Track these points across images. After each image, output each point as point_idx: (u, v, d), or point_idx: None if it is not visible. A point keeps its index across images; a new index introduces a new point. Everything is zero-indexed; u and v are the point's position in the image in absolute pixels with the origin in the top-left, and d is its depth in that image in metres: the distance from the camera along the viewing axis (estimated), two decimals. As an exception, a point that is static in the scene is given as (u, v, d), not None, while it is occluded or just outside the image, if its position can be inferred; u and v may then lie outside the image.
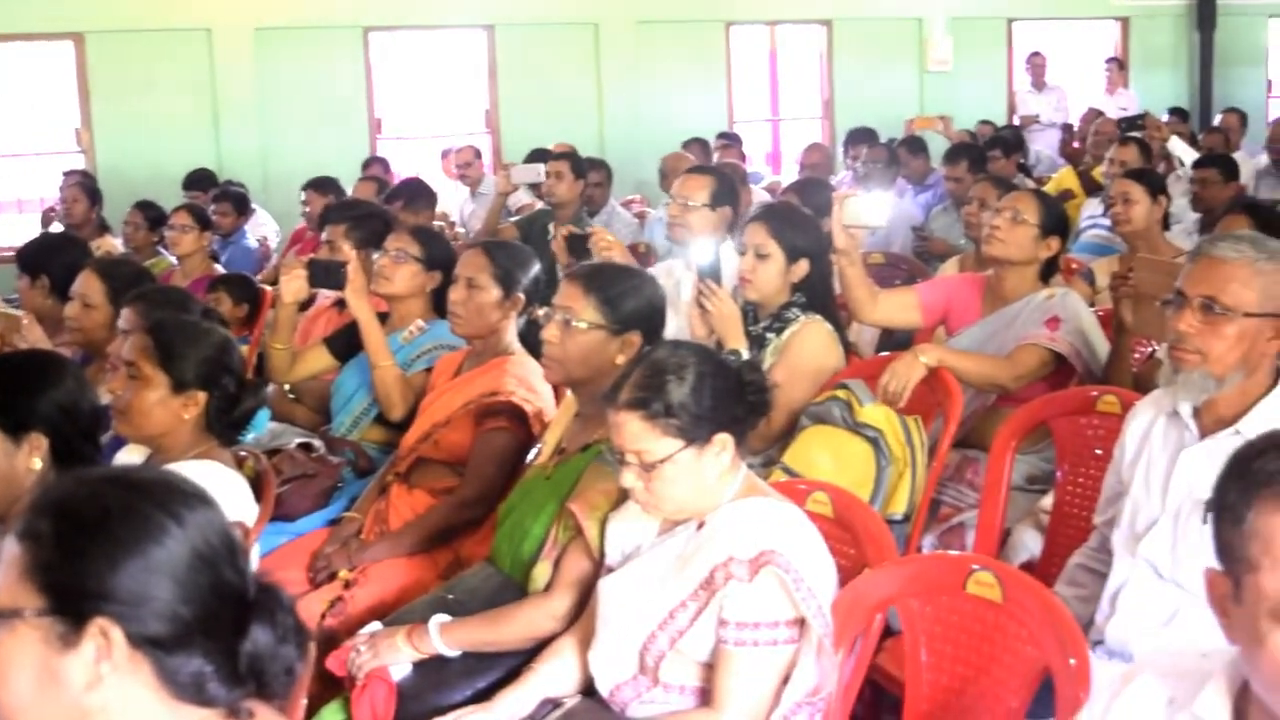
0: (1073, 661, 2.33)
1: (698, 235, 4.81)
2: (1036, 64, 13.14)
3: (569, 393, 3.52)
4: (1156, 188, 5.61)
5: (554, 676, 2.88)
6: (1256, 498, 1.59)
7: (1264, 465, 1.61)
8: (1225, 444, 2.74)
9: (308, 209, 8.20)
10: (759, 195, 7.93)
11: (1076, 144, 10.00)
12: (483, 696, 2.92)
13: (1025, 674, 2.45)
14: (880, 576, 2.70)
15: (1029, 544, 3.84)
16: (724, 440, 2.67)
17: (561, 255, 4.87)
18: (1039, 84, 13.04)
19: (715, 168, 5.47)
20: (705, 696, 2.65)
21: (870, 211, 4.24)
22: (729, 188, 5.09)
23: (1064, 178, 9.11)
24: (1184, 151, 8.51)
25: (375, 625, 3.20)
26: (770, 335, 4.23)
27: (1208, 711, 1.72)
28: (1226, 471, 1.66)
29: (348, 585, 3.66)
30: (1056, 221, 4.44)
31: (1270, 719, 1.65)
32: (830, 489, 3.10)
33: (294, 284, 4.44)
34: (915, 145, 9.37)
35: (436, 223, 7.60)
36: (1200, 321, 2.81)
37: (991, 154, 8.49)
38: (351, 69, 11.97)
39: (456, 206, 10.08)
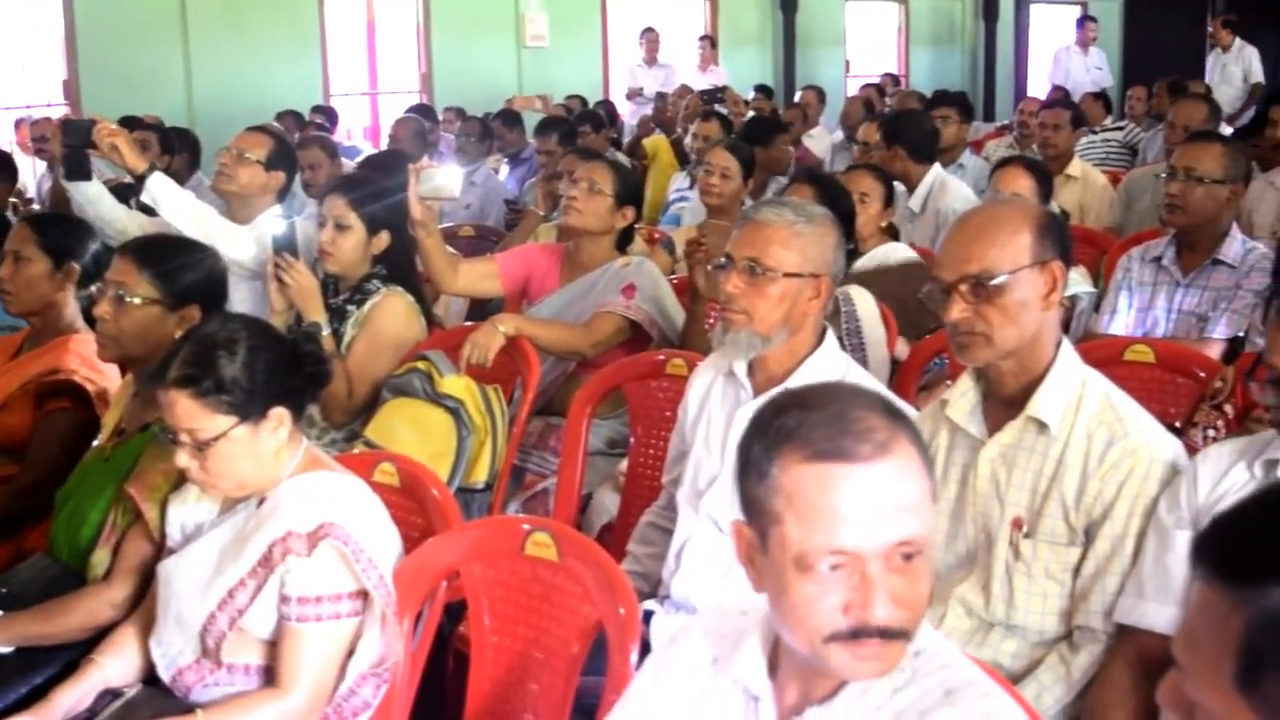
0: (621, 611, 2.41)
1: (242, 191, 4.74)
2: (650, 39, 13.39)
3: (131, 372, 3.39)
4: (749, 165, 5.80)
5: (114, 667, 2.76)
6: (778, 453, 1.62)
7: (784, 422, 1.64)
8: (777, 400, 2.86)
9: None
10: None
11: (668, 115, 10.28)
12: (41, 693, 2.77)
13: (582, 629, 2.51)
14: (442, 544, 2.70)
15: (609, 506, 3.93)
16: (280, 414, 2.62)
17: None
18: (651, 59, 13.32)
19: (277, 132, 5.34)
20: (271, 675, 2.60)
21: (445, 183, 4.24)
22: (287, 154, 4.98)
23: (657, 144, 9.36)
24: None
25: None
26: (351, 307, 4.18)
27: (744, 670, 1.78)
28: (750, 429, 1.70)
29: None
30: (632, 192, 4.56)
31: (797, 668, 1.73)
32: (397, 459, 3.08)
33: None
34: (510, 118, 9.43)
35: (12, 199, 7.17)
36: (745, 283, 2.93)
37: (582, 129, 8.62)
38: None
39: (34, 181, 9.52)
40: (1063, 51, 14.36)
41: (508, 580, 2.63)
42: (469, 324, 4.43)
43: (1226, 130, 8.54)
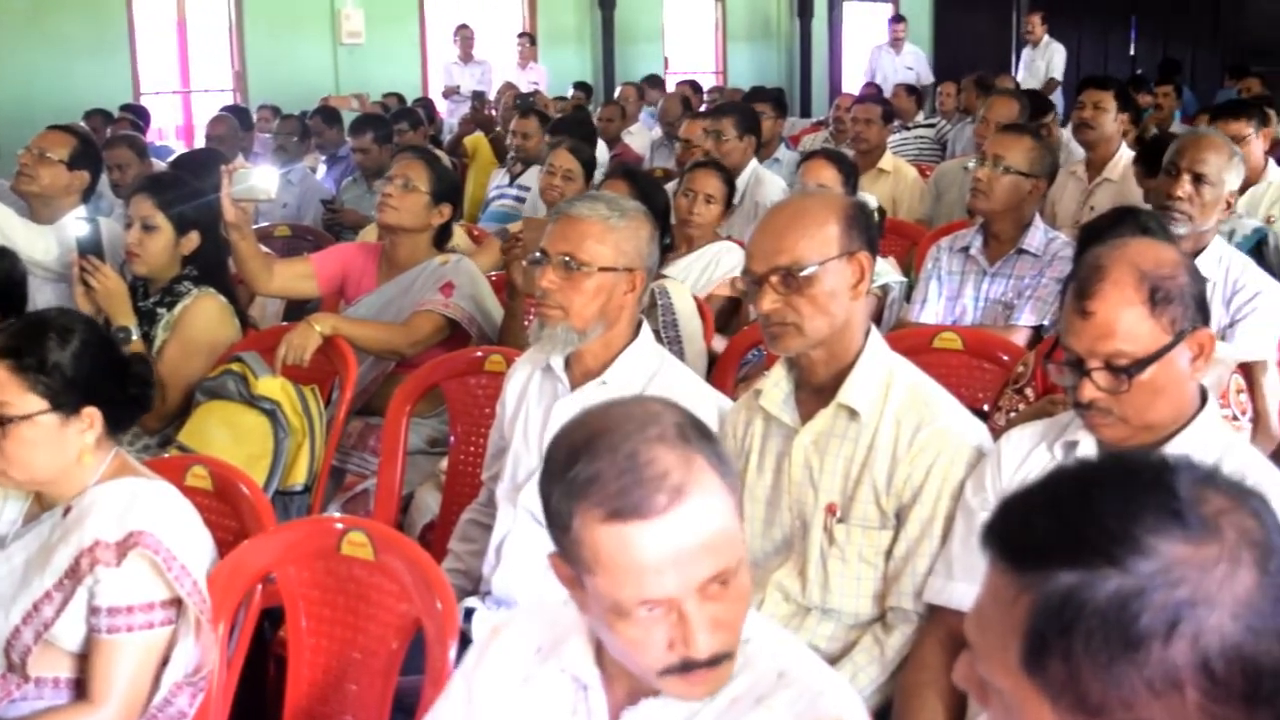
0: (439, 605, 2.40)
1: (44, 191, 4.63)
2: (465, 36, 13.32)
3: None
4: (590, 167, 5.80)
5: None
6: (576, 508, 1.58)
7: (578, 473, 1.59)
8: (593, 394, 2.87)
9: None
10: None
11: (490, 112, 10.24)
12: None
13: (400, 626, 2.50)
14: (255, 547, 2.65)
15: (431, 505, 3.91)
16: (93, 415, 2.56)
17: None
18: (466, 57, 13.25)
19: (81, 131, 5.20)
20: (82, 688, 2.53)
21: (260, 184, 4.16)
22: (91, 153, 4.85)
23: (477, 142, 9.33)
24: None
25: None
26: (161, 310, 4.09)
27: (573, 662, 1.79)
28: (545, 472, 1.65)
29: None
30: (448, 188, 4.53)
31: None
32: (209, 462, 3.02)
33: None
34: (330, 116, 9.29)
35: None
36: (561, 278, 2.94)
37: (399, 127, 8.54)
38: None
39: None
40: (876, 50, 14.66)
41: (324, 581, 2.60)
42: (285, 324, 4.37)
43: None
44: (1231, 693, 1.08)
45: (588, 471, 1.57)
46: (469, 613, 2.98)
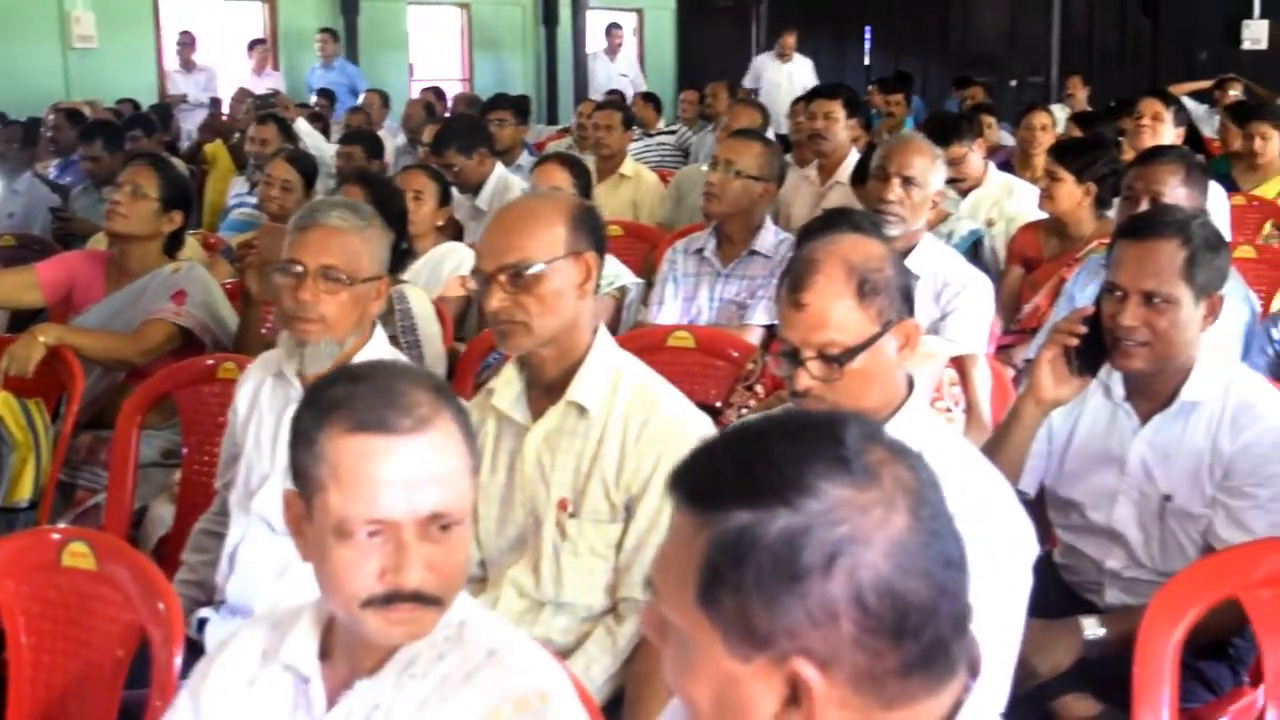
0: (161, 607, 2.38)
1: None
2: (184, 43, 13.03)
3: None
4: (311, 175, 5.70)
5: None
6: (325, 423, 1.70)
7: (333, 393, 1.73)
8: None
9: None
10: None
11: (224, 120, 10.04)
12: None
13: (124, 636, 2.45)
14: (-23, 563, 2.57)
15: (166, 518, 3.83)
16: None
17: None
18: (187, 64, 12.94)
19: None
20: None
21: None
22: None
23: (216, 150, 9.14)
24: (308, 133, 8.90)
25: None
26: None
27: (294, 653, 1.80)
28: (303, 400, 1.78)
29: None
30: (179, 195, 4.44)
31: (345, 645, 1.77)
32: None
33: None
34: (74, 117, 8.97)
35: None
36: (326, 291, 2.94)
37: (133, 133, 8.30)
38: None
39: None
40: (591, 58, 14.83)
41: (45, 594, 2.52)
42: (7, 336, 4.22)
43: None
44: (882, 625, 1.18)
45: (343, 392, 1.72)
46: (202, 623, 2.94)
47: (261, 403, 3.09)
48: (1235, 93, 10.80)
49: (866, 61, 17.65)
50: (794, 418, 1.33)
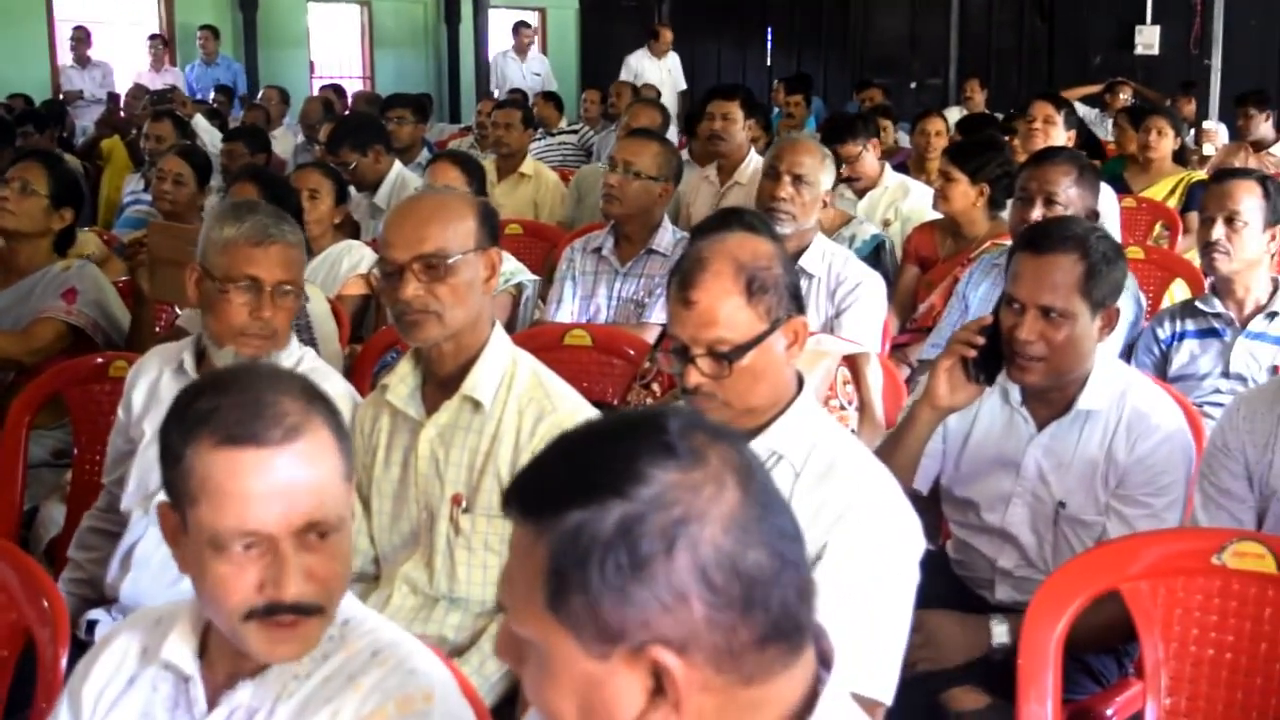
0: (45, 604, 2.35)
1: None
2: (79, 38, 12.84)
3: None
4: (204, 171, 5.64)
5: None
6: (193, 438, 1.66)
7: (200, 406, 1.68)
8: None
9: None
10: None
11: (121, 115, 9.90)
12: None
13: (8, 638, 2.41)
14: None
15: (57, 519, 3.77)
16: None
17: None
18: (82, 59, 12.74)
19: None
20: None
21: None
22: None
23: (112, 145, 9.01)
24: (206, 130, 8.82)
25: None
26: None
27: (173, 653, 1.79)
28: (170, 412, 1.73)
29: None
30: (70, 192, 4.39)
31: (227, 647, 1.75)
32: None
33: None
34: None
35: None
36: (286, 305, 2.97)
37: (24, 130, 8.17)
38: None
39: None
40: (500, 56, 14.81)
41: (-73, 595, 2.49)
42: (-108, 335, 4.14)
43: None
44: (731, 599, 1.20)
45: (209, 404, 1.68)
46: (92, 625, 2.91)
47: (161, 396, 3.04)
48: (1125, 96, 11.04)
49: (769, 62, 17.77)
50: (616, 418, 1.36)
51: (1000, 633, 2.79)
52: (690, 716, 1.22)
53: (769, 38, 18.02)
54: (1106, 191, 5.18)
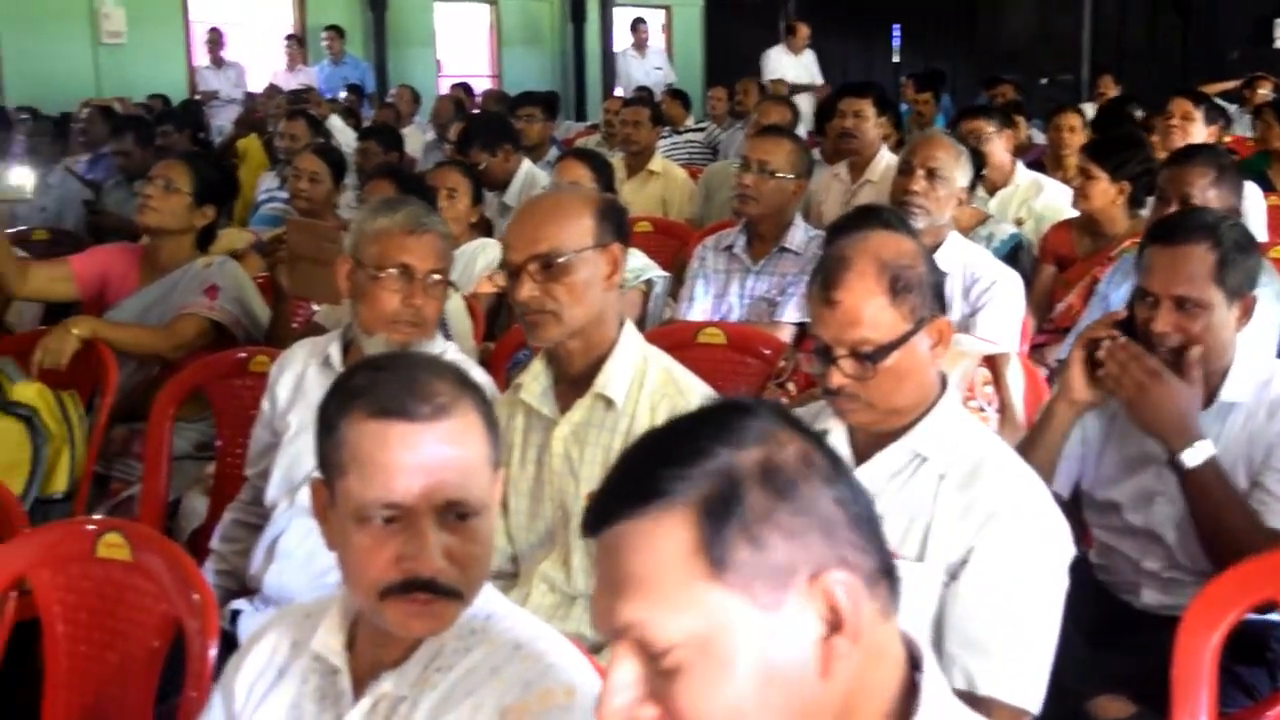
0: (195, 597, 2.39)
1: None
2: (214, 40, 13.09)
3: None
4: (340, 168, 5.72)
5: None
6: (348, 410, 1.71)
7: (357, 381, 1.75)
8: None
9: None
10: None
11: (258, 115, 10.07)
12: None
13: (160, 626, 2.46)
14: (6, 551, 2.58)
15: (199, 510, 3.84)
16: None
17: None
18: (217, 60, 13.00)
19: None
20: None
21: (15, 183, 4.05)
22: None
23: (249, 144, 9.17)
24: (340, 130, 8.91)
25: None
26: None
27: (321, 645, 1.81)
28: (330, 388, 1.79)
29: None
30: (211, 189, 4.44)
31: (372, 636, 1.77)
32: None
33: None
34: (107, 113, 8.99)
35: None
36: (436, 296, 3.02)
37: (163, 129, 8.33)
38: None
39: None
40: (621, 55, 14.82)
41: (80, 585, 2.54)
42: (42, 328, 4.24)
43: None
44: (859, 519, 1.25)
45: (366, 380, 1.73)
46: (235, 615, 2.95)
47: (306, 389, 3.09)
48: (1265, 91, 10.74)
49: (896, 59, 17.60)
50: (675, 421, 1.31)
51: (1194, 455, 2.69)
52: (864, 650, 1.21)
53: (895, 34, 17.85)
54: (1252, 189, 5.04)
